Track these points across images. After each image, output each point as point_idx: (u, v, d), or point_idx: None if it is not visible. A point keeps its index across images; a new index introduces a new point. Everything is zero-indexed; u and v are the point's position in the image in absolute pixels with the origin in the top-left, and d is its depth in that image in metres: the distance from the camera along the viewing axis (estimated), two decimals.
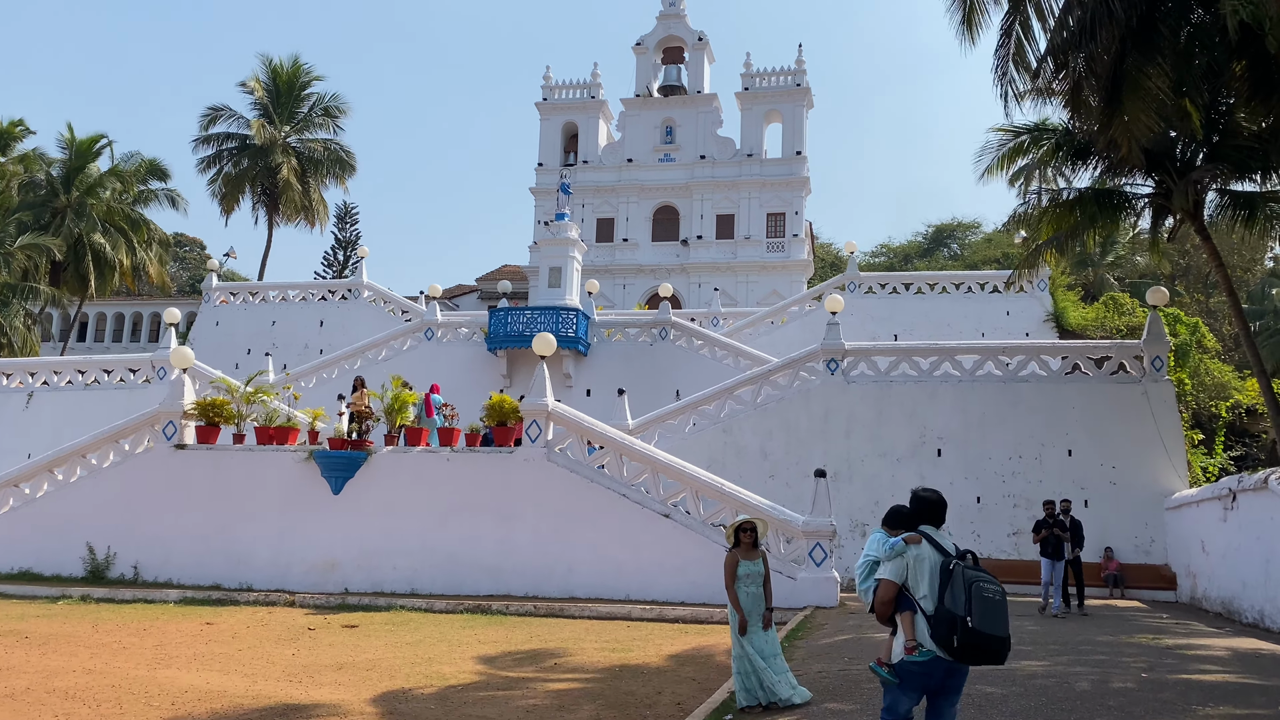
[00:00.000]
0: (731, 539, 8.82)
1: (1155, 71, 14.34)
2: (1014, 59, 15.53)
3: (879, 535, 6.25)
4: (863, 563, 6.41)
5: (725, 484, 17.80)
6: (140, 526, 19.23)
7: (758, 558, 8.77)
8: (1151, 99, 14.41)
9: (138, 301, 61.33)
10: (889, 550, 5.84)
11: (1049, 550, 16.48)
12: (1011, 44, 15.39)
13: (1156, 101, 14.48)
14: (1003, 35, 15.46)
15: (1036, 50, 15.77)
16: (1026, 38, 15.55)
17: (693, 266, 50.31)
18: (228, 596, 17.49)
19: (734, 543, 8.80)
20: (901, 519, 6.16)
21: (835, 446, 22.98)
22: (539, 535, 17.93)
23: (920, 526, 5.89)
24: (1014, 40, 15.38)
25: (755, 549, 8.79)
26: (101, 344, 60.88)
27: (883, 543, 6.02)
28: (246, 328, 37.77)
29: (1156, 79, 14.35)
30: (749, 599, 8.69)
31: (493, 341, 31.27)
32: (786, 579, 16.78)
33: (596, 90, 54.26)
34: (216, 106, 45.27)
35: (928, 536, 5.81)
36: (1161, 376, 22.02)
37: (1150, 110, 14.48)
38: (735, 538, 8.76)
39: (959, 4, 15.40)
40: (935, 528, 5.91)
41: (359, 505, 18.63)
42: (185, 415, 19.75)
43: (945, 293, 34.95)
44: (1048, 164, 21.23)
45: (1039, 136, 20.26)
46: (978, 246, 76.09)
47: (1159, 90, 14.36)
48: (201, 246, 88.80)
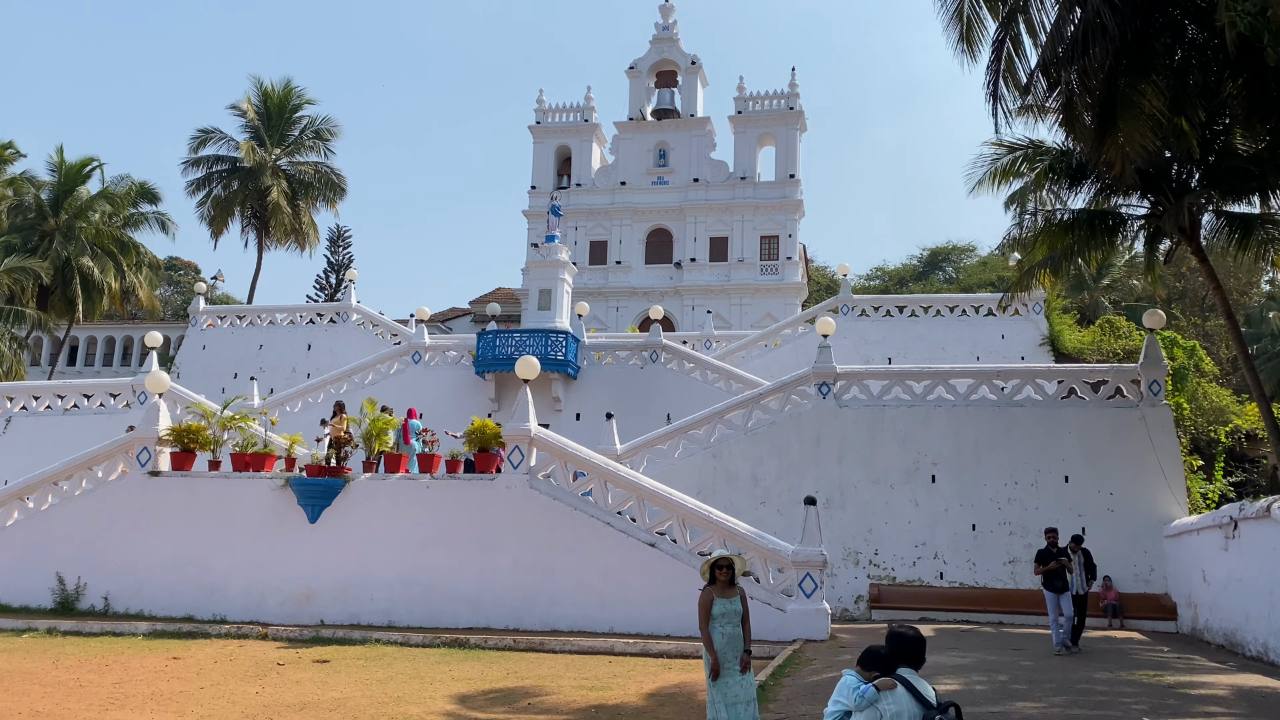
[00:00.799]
0: (707, 575, 8.34)
1: (1149, 89, 13.99)
2: (1005, 75, 15.20)
3: (851, 679, 5.38)
4: (832, 712, 5.45)
5: (713, 512, 17.30)
6: (112, 556, 18.69)
7: (735, 595, 8.29)
8: (1146, 117, 14.05)
9: (128, 325, 60.88)
10: (859, 699, 5.17)
11: (1054, 583, 15.62)
12: (1003, 60, 15.05)
13: (1151, 120, 14.13)
14: (994, 51, 15.12)
15: (1027, 66, 15.45)
16: (1017, 54, 15.22)
17: (686, 289, 49.96)
18: (199, 629, 16.93)
19: (710, 579, 8.32)
20: (877, 660, 5.38)
21: (828, 472, 22.50)
22: (520, 565, 17.40)
23: (898, 670, 5.23)
24: (1005, 56, 15.05)
25: (732, 586, 8.31)
26: (92, 368, 60.41)
27: (854, 689, 5.29)
28: (233, 351, 37.34)
29: (1151, 97, 14.00)
30: (724, 640, 8.19)
31: (480, 365, 30.81)
32: (775, 611, 16.28)
33: (590, 113, 54.09)
34: (206, 129, 45.04)
35: (906, 682, 5.15)
36: (1159, 401, 21.58)
37: (1145, 129, 14.11)
38: (711, 574, 8.28)
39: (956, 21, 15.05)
40: (915, 669, 5.26)
41: (336, 534, 18.11)
42: (160, 441, 19.26)
43: (939, 316, 34.57)
44: (1042, 184, 20.79)
45: (1033, 155, 19.92)
46: (973, 270, 75.94)
47: (1154, 108, 14.02)
48: (196, 270, 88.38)
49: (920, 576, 21.61)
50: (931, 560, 21.69)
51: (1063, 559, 15.73)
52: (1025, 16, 14.89)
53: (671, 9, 54.49)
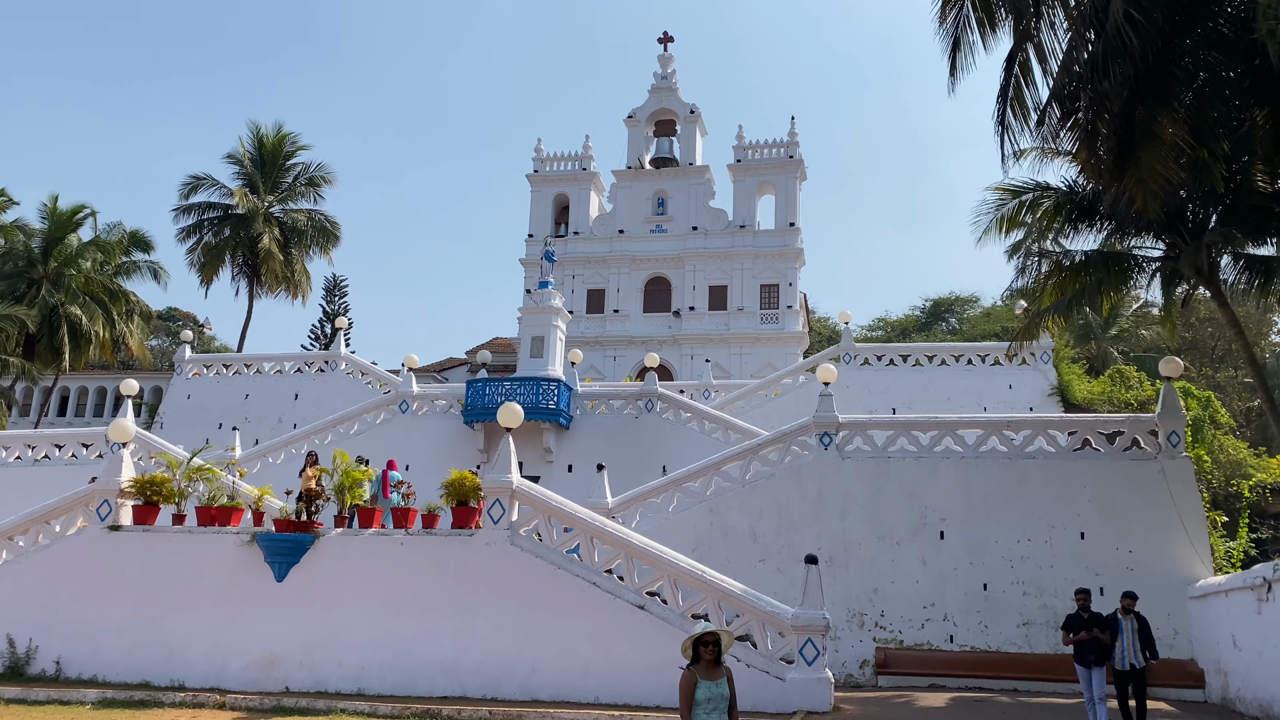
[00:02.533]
0: (689, 654, 7.20)
1: (1170, 118, 13.13)
2: (1014, 104, 14.37)
3: None
4: None
5: (706, 571, 16.13)
6: (66, 616, 17.48)
7: (721, 677, 7.15)
8: (1168, 148, 13.17)
9: (118, 375, 59.83)
10: None
11: (1091, 656, 13.65)
12: (1010, 88, 14.23)
13: (1173, 150, 13.24)
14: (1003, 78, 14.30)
15: (1038, 97, 14.63)
16: (1027, 83, 14.40)
17: (685, 338, 49.07)
18: (153, 697, 15.68)
19: (693, 659, 7.19)
20: None
21: (830, 528, 21.34)
22: (499, 629, 16.19)
23: None
24: (1014, 85, 14.23)
25: (718, 666, 7.17)
26: (82, 418, 59.19)
27: None
28: (219, 401, 36.39)
29: (1172, 126, 13.13)
30: None
31: (470, 414, 29.78)
32: (774, 680, 15.07)
33: (588, 162, 53.66)
34: (198, 175, 44.51)
35: None
36: (1179, 453, 20.48)
37: (1167, 159, 13.22)
38: (694, 652, 7.15)
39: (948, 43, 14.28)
40: None
41: (304, 594, 16.91)
42: (122, 493, 18.15)
43: (944, 365, 33.58)
44: (1049, 226, 19.87)
45: (1039, 197, 19.04)
46: (976, 320, 75.12)
47: (1176, 138, 13.14)
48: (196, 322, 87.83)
49: (929, 639, 20.35)
50: (941, 622, 20.44)
51: (1094, 630, 13.69)
52: (1035, 42, 14.09)
53: (670, 59, 54.30)
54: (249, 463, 28.46)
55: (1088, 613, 13.91)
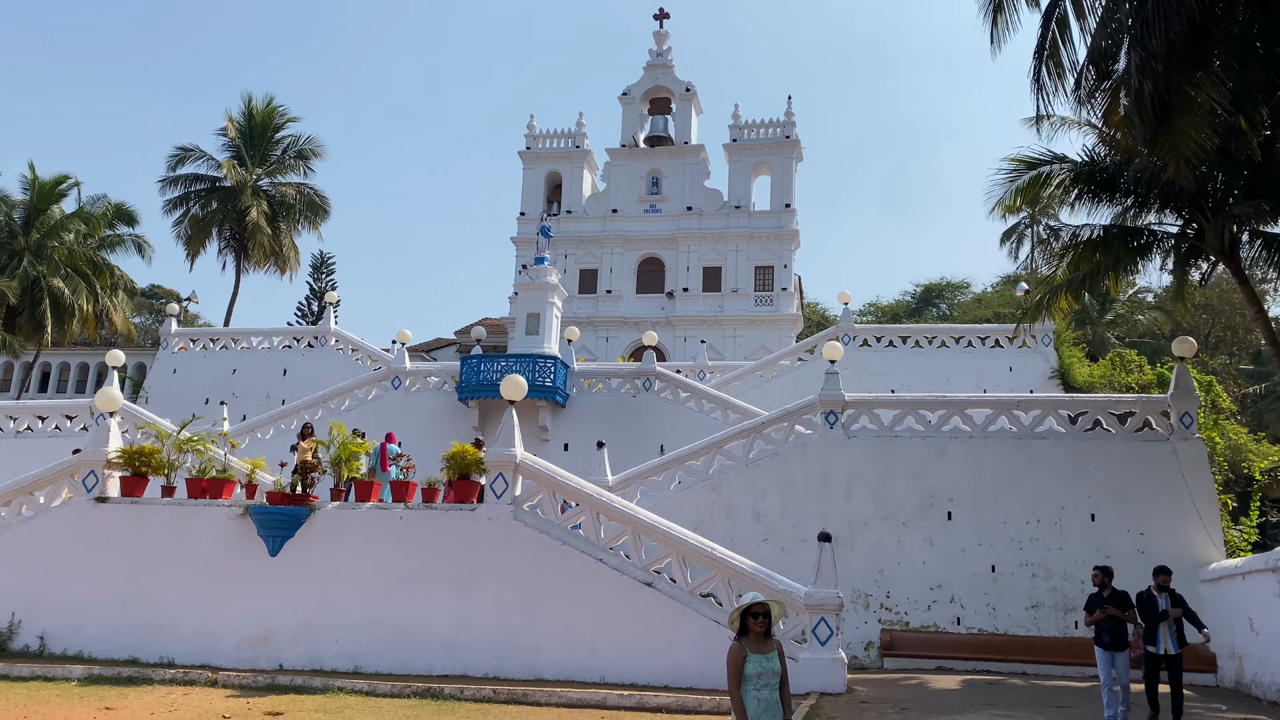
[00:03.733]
0: (737, 625, 6.70)
1: (1208, 82, 12.66)
2: (1049, 64, 13.87)
3: None
4: None
5: (716, 549, 15.66)
6: (50, 591, 16.88)
7: (772, 650, 6.63)
8: (1204, 113, 12.71)
9: (101, 351, 58.85)
10: None
11: (1106, 637, 12.74)
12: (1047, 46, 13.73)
13: (1210, 116, 12.77)
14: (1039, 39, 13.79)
15: (1074, 56, 14.12)
16: (1064, 40, 13.90)
17: (678, 319, 48.53)
18: (141, 674, 15.11)
19: (740, 630, 6.68)
20: None
21: (835, 508, 20.89)
22: (502, 606, 15.68)
23: None
24: (1050, 42, 13.73)
25: (768, 639, 6.66)
26: (64, 394, 58.28)
27: None
28: (206, 376, 35.61)
29: (1210, 91, 12.66)
30: (760, 707, 6.48)
31: (464, 391, 29.22)
32: (787, 660, 14.57)
33: (581, 140, 52.95)
34: (186, 146, 43.56)
35: None
36: (1192, 434, 20.12)
37: (1204, 125, 12.76)
38: (742, 623, 6.64)
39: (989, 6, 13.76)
40: None
41: (299, 569, 16.36)
42: (109, 464, 17.54)
43: (944, 347, 33.20)
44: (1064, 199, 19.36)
45: (1057, 169, 18.54)
46: (968, 306, 74.88)
47: (1213, 103, 12.66)
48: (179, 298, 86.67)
49: (935, 621, 19.96)
50: (948, 604, 20.06)
51: (1108, 607, 12.88)
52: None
53: (666, 35, 53.57)
54: (237, 439, 27.81)
55: (1107, 590, 13.08)
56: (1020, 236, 61.77)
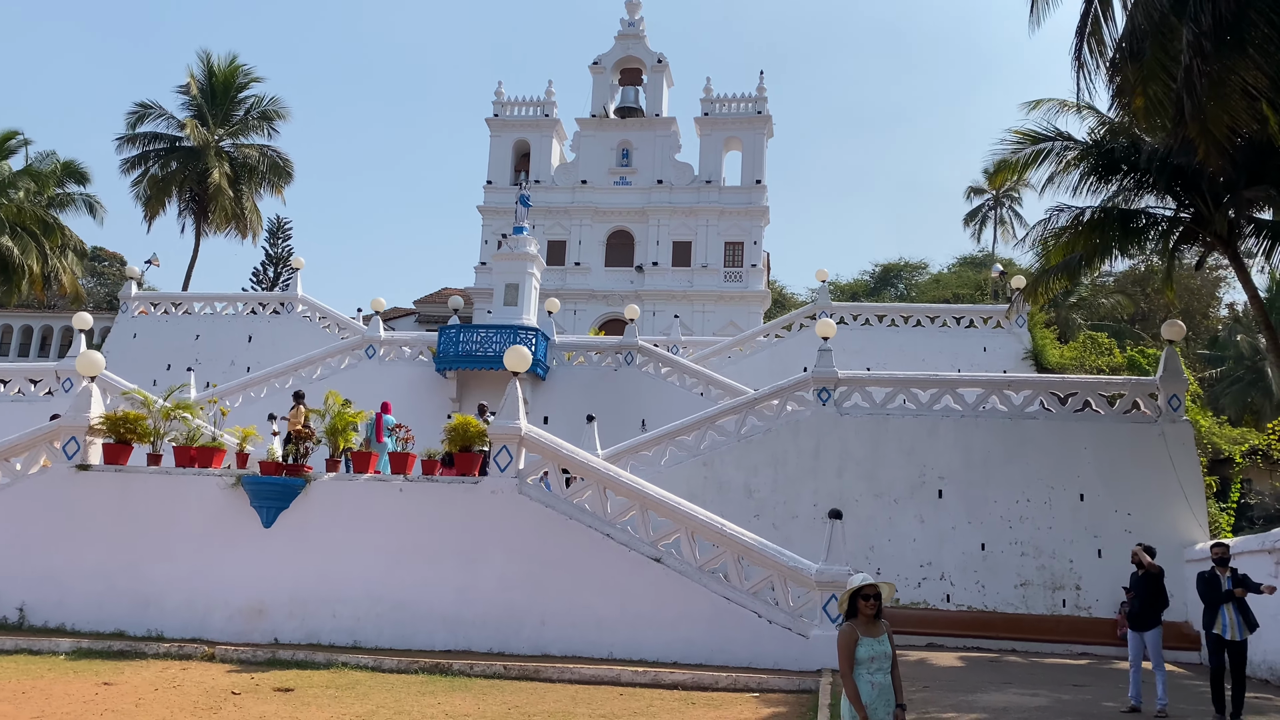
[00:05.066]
0: (845, 607, 6.51)
1: (1244, 65, 12.68)
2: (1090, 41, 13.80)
3: None
4: None
5: (726, 524, 15.52)
6: (30, 561, 16.24)
7: (882, 633, 6.43)
8: (1238, 96, 12.74)
9: (48, 314, 57.17)
10: None
11: (1136, 617, 12.61)
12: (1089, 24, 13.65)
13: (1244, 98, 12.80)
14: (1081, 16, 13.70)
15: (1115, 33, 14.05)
16: (1106, 18, 13.83)
17: (648, 294, 48.22)
18: (132, 647, 14.63)
19: (848, 612, 6.49)
20: None
21: (827, 484, 20.89)
22: (506, 581, 15.41)
23: None
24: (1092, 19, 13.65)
25: (877, 621, 6.47)
26: (5, 358, 56.52)
27: None
28: (168, 341, 34.59)
29: (1245, 73, 12.69)
30: (875, 692, 6.28)
31: (442, 361, 28.70)
32: (797, 636, 14.57)
33: (551, 108, 52.20)
34: (146, 103, 42.02)
35: None
36: (1179, 417, 20.40)
37: (1237, 108, 12.79)
38: (851, 605, 6.45)
39: None
40: None
41: (294, 541, 15.92)
42: (91, 431, 16.87)
43: (920, 326, 33.36)
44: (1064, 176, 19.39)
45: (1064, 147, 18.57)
46: (925, 286, 75.53)
47: (1249, 86, 12.69)
48: (122, 262, 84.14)
49: (925, 599, 20.09)
50: (938, 581, 20.20)
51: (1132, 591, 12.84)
52: None
53: (638, 5, 52.91)
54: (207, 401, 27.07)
55: (1142, 569, 12.90)
56: (984, 218, 62.53)
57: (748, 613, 14.75)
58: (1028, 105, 20.33)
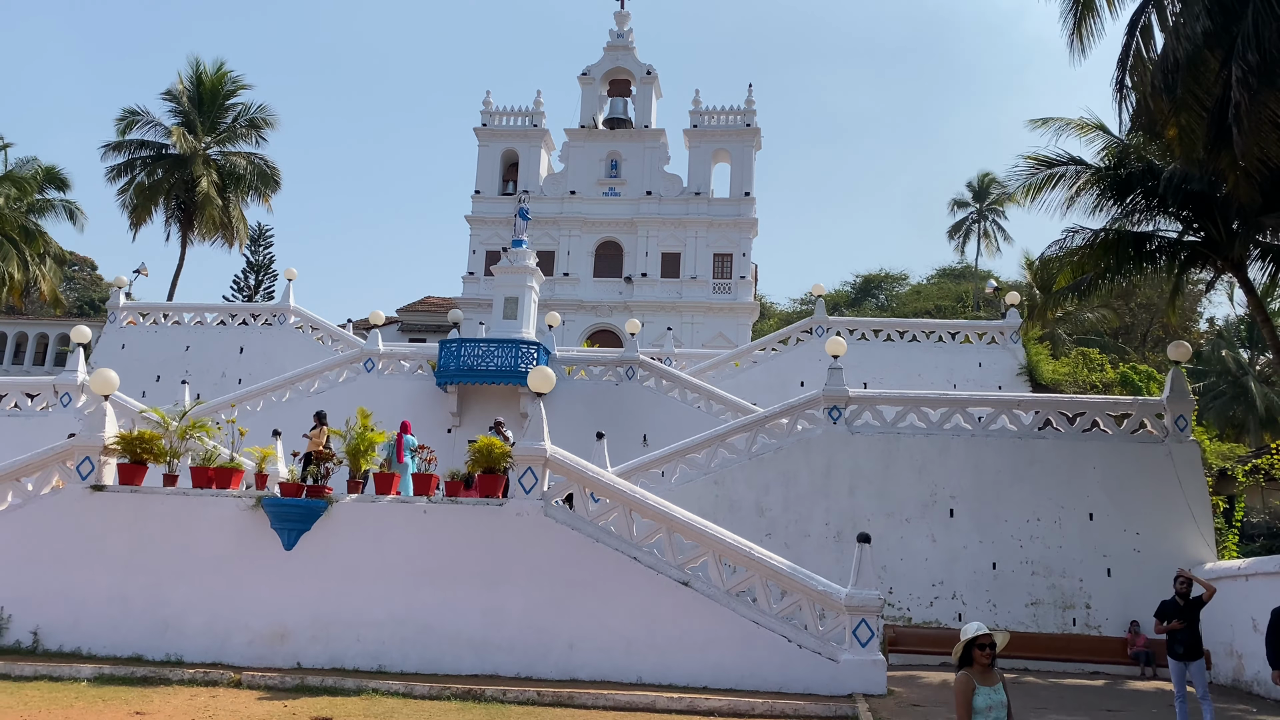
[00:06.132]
0: (959, 655, 6.52)
1: (1275, 97, 12.90)
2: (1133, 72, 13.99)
3: None
4: None
5: (754, 548, 15.55)
6: (43, 583, 15.96)
7: (997, 682, 6.45)
8: (1269, 129, 12.95)
9: (23, 321, 56.19)
10: None
11: (1179, 648, 12.54)
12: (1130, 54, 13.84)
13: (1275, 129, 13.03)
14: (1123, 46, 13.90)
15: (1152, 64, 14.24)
16: (1147, 48, 14.03)
17: (636, 305, 48.22)
18: (155, 673, 14.39)
19: (963, 661, 6.50)
20: None
21: (838, 503, 20.96)
22: (533, 604, 15.33)
23: None
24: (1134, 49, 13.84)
25: (991, 670, 6.49)
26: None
27: None
28: (156, 352, 34.15)
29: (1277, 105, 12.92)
30: None
31: (443, 376, 28.53)
32: (827, 661, 14.59)
33: (539, 118, 52.12)
34: (134, 109, 41.57)
35: None
36: (1186, 437, 20.66)
37: (1269, 140, 13.02)
38: (965, 654, 6.47)
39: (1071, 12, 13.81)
40: None
41: (316, 564, 15.75)
42: (106, 450, 16.62)
43: (915, 341, 33.51)
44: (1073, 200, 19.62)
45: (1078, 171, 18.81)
46: (906, 298, 76.14)
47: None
48: (93, 266, 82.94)
49: (938, 618, 20.19)
50: (949, 600, 20.31)
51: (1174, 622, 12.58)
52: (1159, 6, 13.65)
53: (627, 16, 52.99)
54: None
55: (1184, 600, 12.98)
56: (968, 231, 63.12)
57: (778, 637, 14.76)
58: (1035, 123, 20.63)
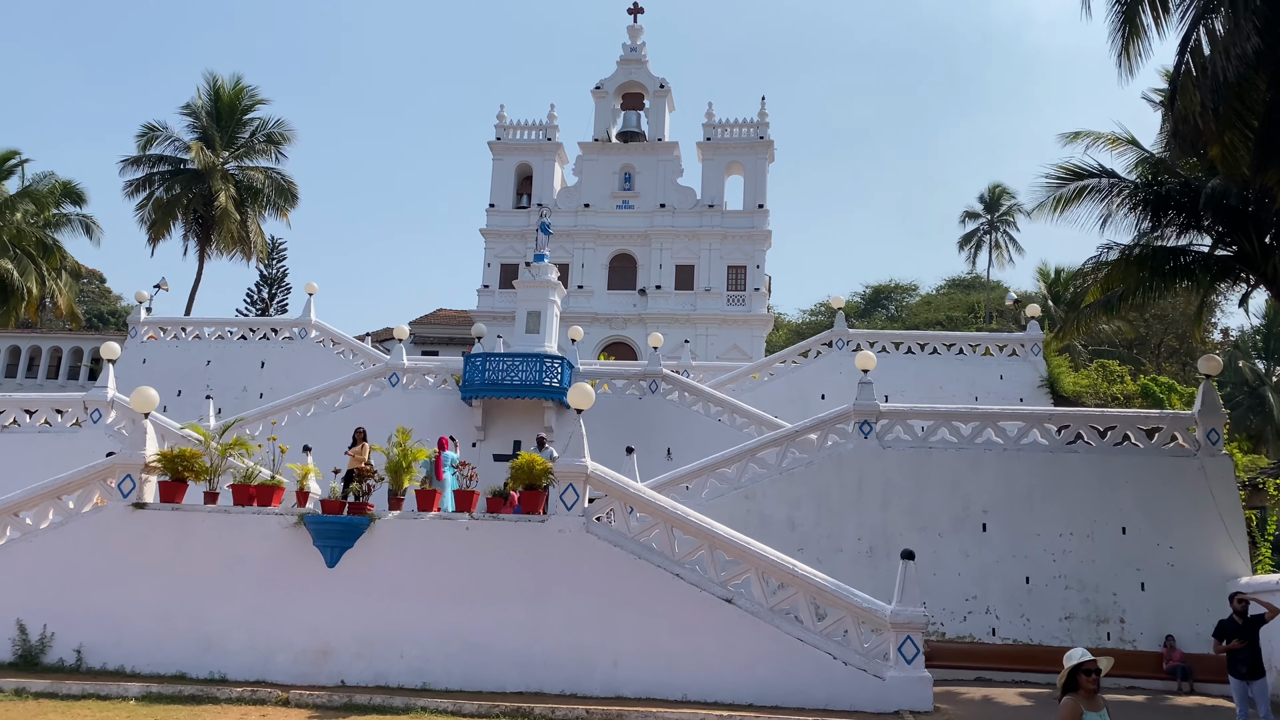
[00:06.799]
0: (1063, 681, 6.56)
1: None
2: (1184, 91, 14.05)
3: None
4: None
5: (797, 565, 15.57)
6: (86, 601, 15.98)
7: (1102, 708, 6.50)
8: None
9: (36, 335, 56.32)
10: None
11: (1242, 667, 12.62)
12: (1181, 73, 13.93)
13: None
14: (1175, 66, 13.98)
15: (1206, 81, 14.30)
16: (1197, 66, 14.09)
17: (651, 317, 48.33)
18: (202, 691, 14.40)
19: (1068, 686, 6.54)
20: None
21: (870, 518, 20.98)
22: (576, 620, 15.33)
23: None
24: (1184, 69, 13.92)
25: (1096, 696, 6.52)
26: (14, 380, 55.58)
27: None
28: (177, 367, 34.25)
29: None
30: None
31: (467, 390, 28.58)
32: (873, 678, 14.60)
33: (553, 132, 52.33)
34: (153, 125, 41.78)
35: None
36: (1218, 450, 20.66)
37: None
38: (1071, 679, 6.50)
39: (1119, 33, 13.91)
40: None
41: (359, 581, 15.76)
42: (147, 468, 16.66)
43: (936, 354, 33.51)
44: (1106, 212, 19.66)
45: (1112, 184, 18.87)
46: (915, 309, 76.28)
47: None
48: (101, 279, 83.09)
49: (971, 632, 20.19)
50: (983, 615, 20.30)
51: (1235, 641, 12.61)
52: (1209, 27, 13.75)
53: (640, 30, 53.23)
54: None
55: (1243, 619, 13.00)
56: (979, 242, 63.22)
57: (822, 654, 14.77)
58: (1065, 137, 20.73)
